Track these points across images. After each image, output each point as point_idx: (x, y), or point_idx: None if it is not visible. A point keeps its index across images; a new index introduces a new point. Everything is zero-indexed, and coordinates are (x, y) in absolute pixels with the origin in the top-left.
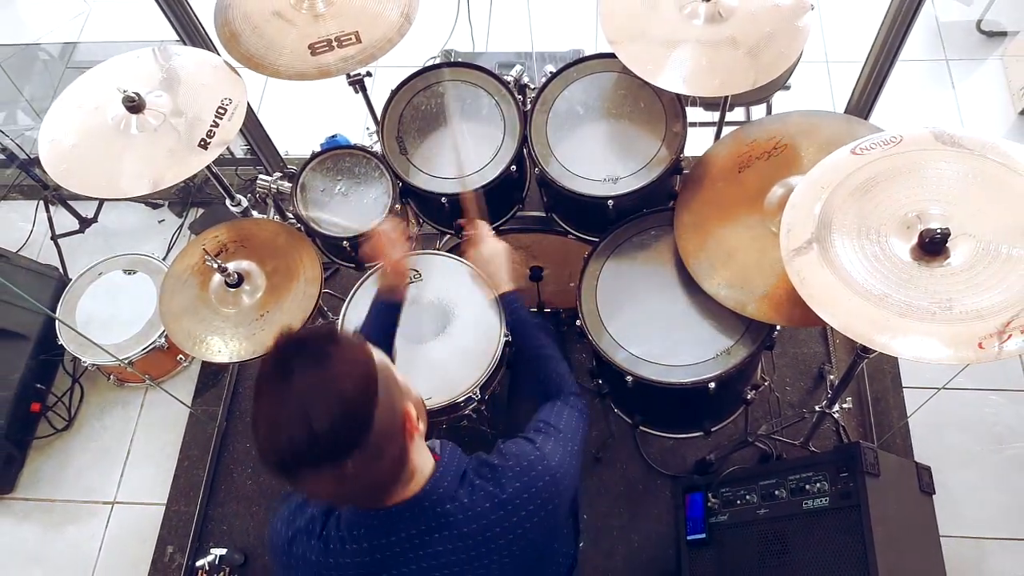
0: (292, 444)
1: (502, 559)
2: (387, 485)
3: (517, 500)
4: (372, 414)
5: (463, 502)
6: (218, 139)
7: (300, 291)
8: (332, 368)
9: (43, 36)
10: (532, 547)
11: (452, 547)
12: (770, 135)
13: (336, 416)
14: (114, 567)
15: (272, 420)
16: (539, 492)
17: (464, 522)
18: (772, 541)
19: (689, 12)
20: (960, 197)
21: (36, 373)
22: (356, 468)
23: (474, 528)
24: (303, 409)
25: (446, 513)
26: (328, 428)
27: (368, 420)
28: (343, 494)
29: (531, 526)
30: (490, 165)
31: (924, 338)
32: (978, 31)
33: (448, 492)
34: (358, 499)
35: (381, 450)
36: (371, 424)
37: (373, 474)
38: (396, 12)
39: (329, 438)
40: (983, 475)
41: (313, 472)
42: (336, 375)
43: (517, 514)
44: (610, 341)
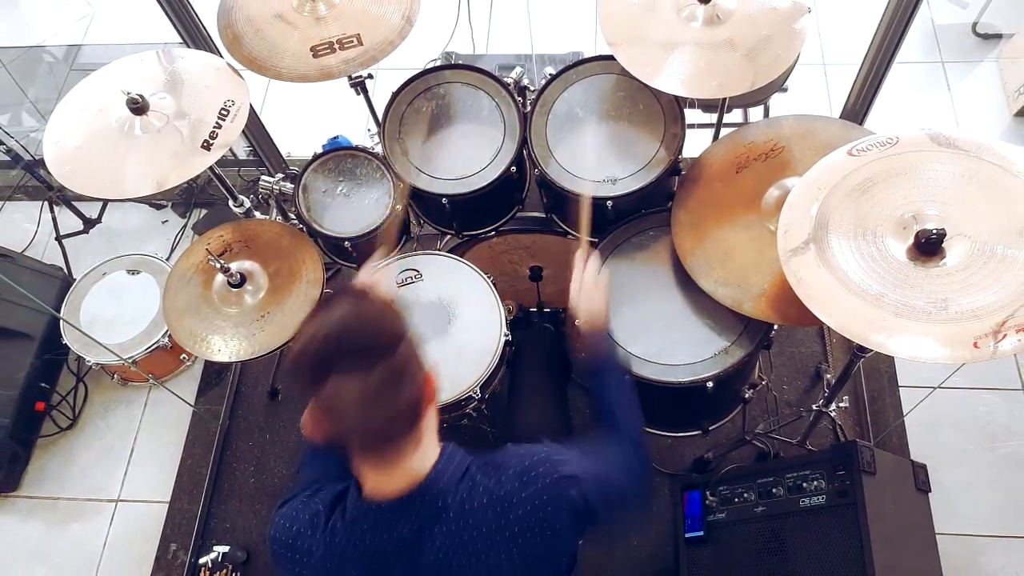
0: (327, 346)
1: (499, 558)
2: (398, 430)
3: (513, 499)
4: (399, 340)
5: (462, 496)
6: (220, 140)
7: (301, 293)
8: (369, 302)
9: (47, 38)
10: (531, 551)
11: (451, 542)
12: (767, 138)
13: (370, 328)
14: (118, 564)
15: (311, 332)
16: (538, 493)
17: (460, 517)
18: (770, 539)
19: (687, 15)
20: (956, 198)
21: (41, 372)
22: (378, 384)
23: (470, 523)
24: (342, 321)
25: (446, 508)
26: (361, 336)
27: (395, 343)
28: (360, 416)
29: (528, 528)
30: (490, 166)
31: (920, 338)
32: (974, 34)
33: (449, 485)
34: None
35: (402, 378)
36: (397, 348)
37: (391, 401)
38: (397, 15)
39: (361, 344)
40: (978, 473)
41: (340, 377)
42: (371, 306)
43: (513, 512)
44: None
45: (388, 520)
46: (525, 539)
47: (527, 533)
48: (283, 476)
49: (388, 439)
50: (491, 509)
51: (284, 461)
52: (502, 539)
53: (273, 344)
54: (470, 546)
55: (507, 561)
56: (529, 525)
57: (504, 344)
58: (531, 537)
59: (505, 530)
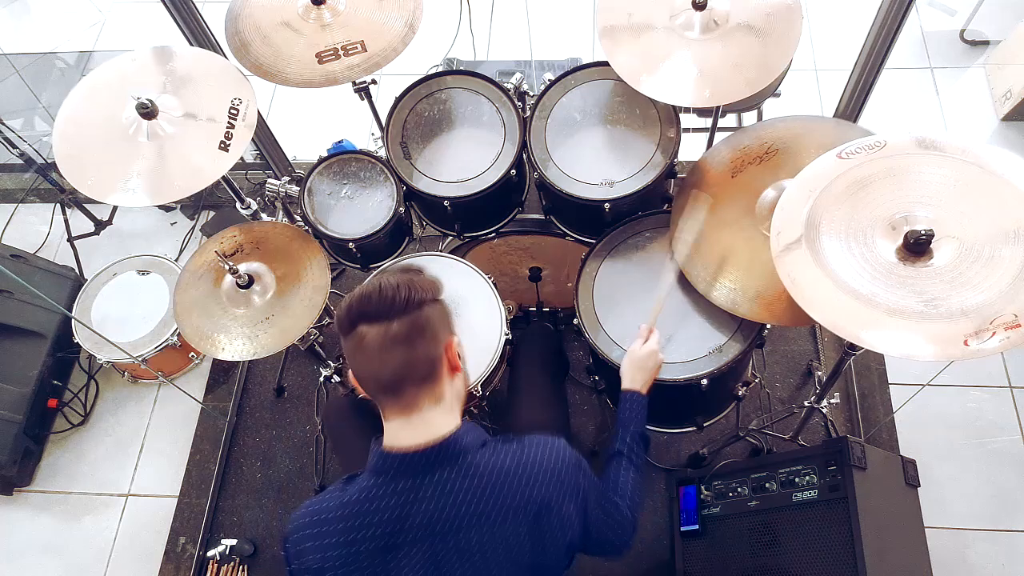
0: (359, 299)
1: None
2: (412, 377)
3: (540, 461)
4: (425, 303)
5: (487, 456)
6: (236, 140)
7: (307, 297)
8: (412, 272)
9: (59, 45)
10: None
11: (471, 499)
12: (761, 140)
13: (400, 287)
14: (128, 557)
15: (352, 292)
16: (562, 462)
17: (485, 475)
18: (763, 532)
19: (683, 22)
20: (944, 200)
21: (53, 370)
22: (397, 333)
23: (494, 482)
24: (377, 281)
25: (469, 464)
26: (389, 292)
27: (420, 303)
28: (380, 358)
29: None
30: (491, 169)
31: (910, 336)
32: (962, 40)
33: (470, 447)
34: (387, 374)
35: (422, 333)
36: (423, 308)
37: (408, 350)
38: (400, 22)
39: (388, 298)
40: (966, 468)
41: (366, 326)
42: (407, 273)
43: (537, 478)
44: (606, 339)
45: (408, 469)
46: (535, 512)
47: (537, 506)
48: (289, 471)
49: (402, 380)
50: (518, 470)
51: (290, 457)
52: (514, 510)
53: (279, 344)
54: (484, 511)
55: (513, 533)
56: (540, 497)
57: (504, 343)
58: (539, 512)
59: (519, 498)
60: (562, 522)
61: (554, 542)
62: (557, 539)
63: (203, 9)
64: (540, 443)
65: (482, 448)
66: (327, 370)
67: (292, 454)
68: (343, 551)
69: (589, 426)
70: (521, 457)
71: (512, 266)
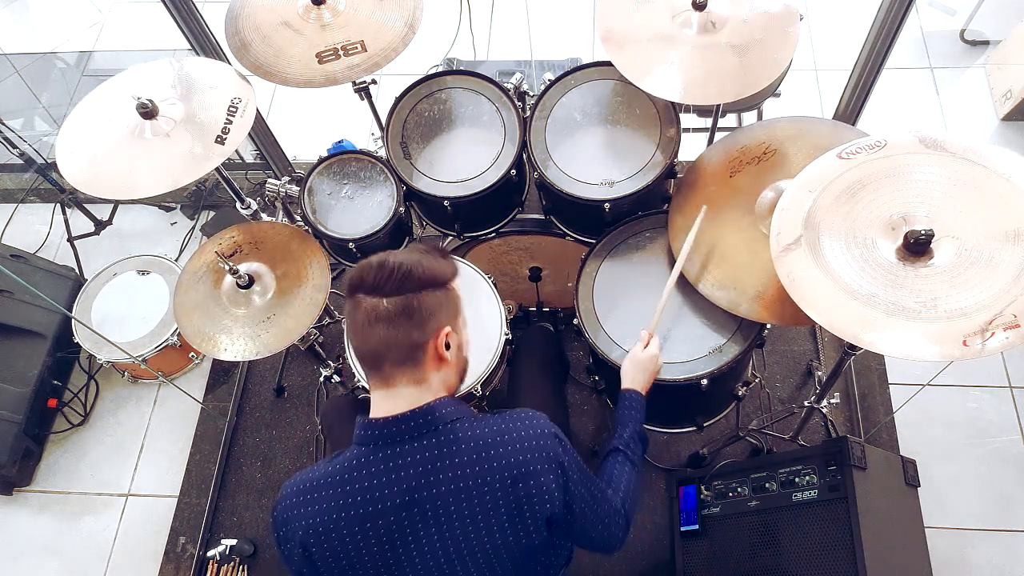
0: (363, 268)
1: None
2: (393, 358)
3: (517, 422)
4: (427, 286)
5: (465, 428)
6: (233, 135)
7: (307, 296)
8: (434, 252)
9: (60, 45)
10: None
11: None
12: (760, 141)
13: (402, 266)
14: (128, 557)
15: (368, 260)
16: (540, 432)
17: (465, 442)
18: (763, 532)
19: (682, 21)
20: (944, 200)
21: (53, 370)
22: (387, 311)
23: (473, 450)
24: (391, 254)
25: (448, 431)
26: (392, 269)
27: (421, 286)
28: (364, 332)
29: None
30: (491, 169)
31: (910, 336)
32: (962, 40)
33: (451, 416)
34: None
35: (411, 316)
36: (420, 292)
37: (393, 330)
38: (400, 22)
39: (385, 276)
40: (966, 468)
41: (364, 295)
42: (426, 258)
43: (515, 446)
44: (606, 339)
45: (389, 437)
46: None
47: (513, 471)
48: (289, 471)
49: (381, 357)
50: (486, 447)
51: (290, 456)
52: (491, 476)
53: (279, 345)
54: (462, 478)
55: (492, 504)
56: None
57: (504, 343)
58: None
59: (495, 465)
60: (540, 492)
61: (532, 513)
62: (535, 510)
63: (203, 9)
64: (519, 415)
65: (462, 419)
66: (327, 370)
67: (292, 454)
68: (326, 518)
69: (589, 426)
70: (500, 427)
71: (512, 266)
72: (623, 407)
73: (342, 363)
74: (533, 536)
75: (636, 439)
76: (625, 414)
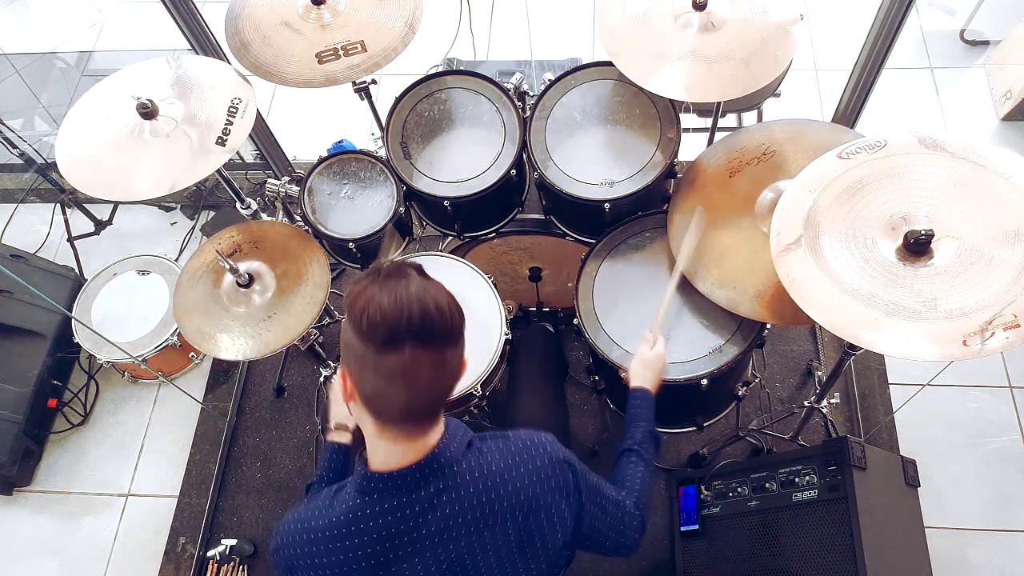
0: (413, 320)
1: (506, 529)
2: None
3: (525, 453)
4: (463, 331)
5: (471, 463)
6: (233, 136)
7: (308, 294)
8: (439, 287)
9: (59, 45)
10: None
11: (460, 508)
12: (759, 142)
13: (454, 308)
14: (128, 557)
15: (394, 300)
16: (549, 460)
17: (472, 482)
18: (763, 532)
19: (683, 22)
20: (944, 200)
21: (53, 370)
22: (448, 364)
23: (481, 488)
24: (432, 299)
25: (456, 474)
26: (446, 318)
27: (463, 332)
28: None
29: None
30: (491, 169)
31: (910, 336)
32: (961, 40)
33: (455, 455)
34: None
35: (460, 364)
36: (462, 338)
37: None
38: (400, 22)
39: (447, 325)
40: (966, 468)
41: (420, 349)
42: (445, 292)
43: (525, 479)
44: (606, 339)
45: (395, 489)
46: (523, 513)
47: (525, 507)
48: (289, 471)
49: (432, 410)
50: (494, 482)
51: (290, 456)
52: (503, 513)
53: (280, 343)
54: (473, 519)
55: (502, 537)
56: (527, 498)
57: (504, 343)
58: (528, 512)
59: (507, 502)
60: (552, 521)
61: (544, 542)
62: (547, 539)
63: (203, 9)
64: (527, 441)
65: (467, 452)
66: (327, 370)
67: (292, 454)
68: (337, 570)
69: (589, 426)
70: (507, 458)
71: (512, 266)
72: (634, 406)
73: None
74: (542, 563)
75: (649, 438)
76: (636, 413)
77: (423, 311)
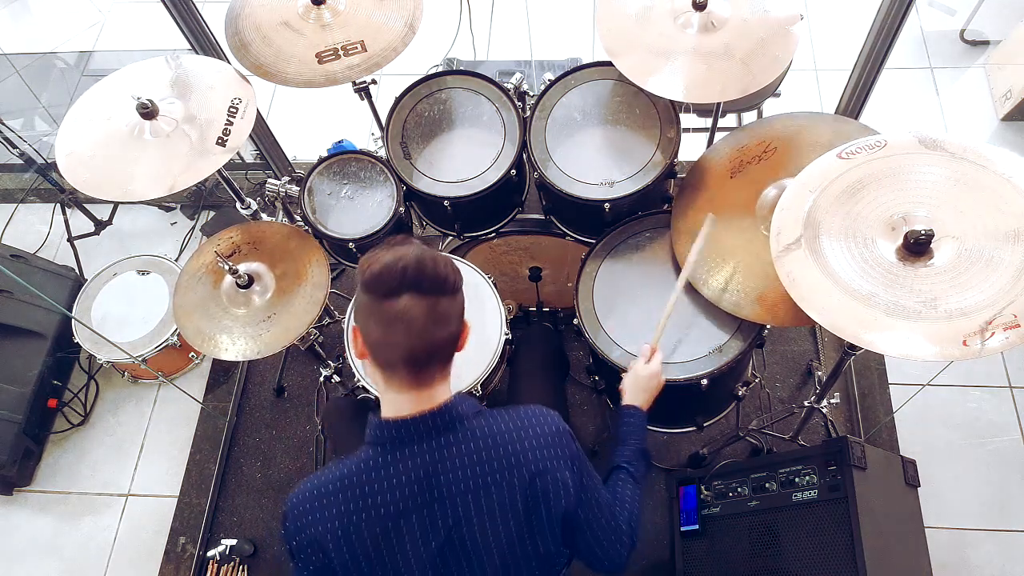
0: (415, 268)
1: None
2: (439, 355)
3: (532, 419)
4: (459, 287)
5: (480, 423)
6: (233, 137)
7: (307, 295)
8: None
9: (60, 45)
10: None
11: (468, 462)
12: (759, 139)
13: (446, 268)
14: (128, 557)
15: (394, 255)
16: (556, 428)
17: (480, 438)
18: (763, 532)
19: (683, 22)
20: (944, 200)
21: (53, 370)
22: (442, 311)
23: (489, 445)
24: (428, 254)
25: (466, 429)
26: (440, 270)
27: (458, 287)
28: (421, 331)
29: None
30: (491, 169)
31: (910, 336)
32: (962, 40)
33: (466, 413)
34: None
35: (455, 316)
36: (460, 289)
37: (443, 329)
38: (400, 22)
39: (440, 276)
40: (966, 468)
41: (415, 297)
42: (443, 255)
43: (532, 442)
44: (606, 339)
45: (407, 436)
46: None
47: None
48: (289, 471)
49: (432, 358)
50: (503, 443)
51: (290, 456)
52: (510, 472)
53: (279, 343)
54: (481, 475)
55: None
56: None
57: (504, 343)
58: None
59: (514, 461)
60: (557, 488)
61: (548, 508)
62: (551, 505)
63: (203, 9)
64: (534, 411)
65: (478, 415)
66: (327, 370)
67: (292, 454)
68: (345, 522)
69: (589, 426)
70: (516, 423)
71: (512, 266)
72: (625, 424)
73: (342, 363)
74: (547, 533)
75: (638, 456)
76: (625, 431)
77: (418, 263)
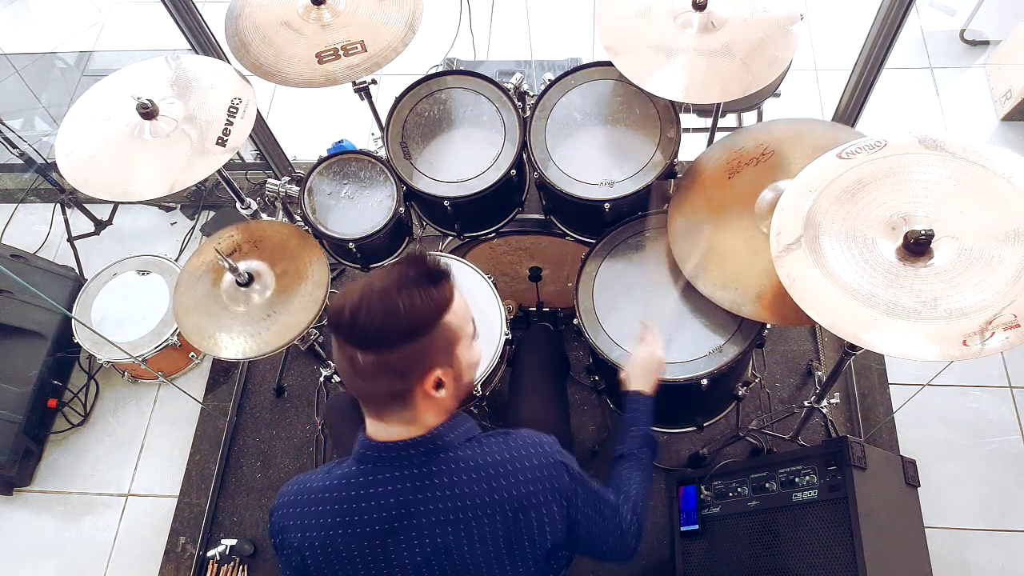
0: (337, 314)
1: (495, 525)
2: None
3: (523, 451)
4: (398, 346)
5: (469, 453)
6: (233, 137)
7: (307, 293)
8: (415, 292)
9: (60, 45)
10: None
11: (452, 494)
12: (758, 142)
13: (375, 324)
14: (128, 557)
15: (350, 293)
16: (546, 460)
17: (467, 471)
18: (763, 532)
19: (683, 22)
20: (944, 200)
21: (53, 370)
22: (363, 368)
23: (475, 478)
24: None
25: (451, 460)
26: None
27: (395, 343)
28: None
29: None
30: (491, 169)
31: (910, 336)
32: (962, 40)
33: (454, 443)
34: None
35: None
36: (394, 350)
37: (373, 385)
38: (400, 22)
39: (358, 332)
40: (966, 468)
41: (340, 342)
42: (411, 300)
43: (518, 475)
44: (606, 339)
45: (389, 461)
46: (513, 510)
47: (515, 504)
48: (289, 471)
49: (368, 401)
50: (488, 475)
51: (290, 456)
52: (491, 507)
53: (279, 342)
54: (462, 507)
55: (491, 532)
56: (519, 495)
57: (505, 343)
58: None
59: (497, 496)
60: (542, 522)
61: (532, 544)
62: (536, 541)
63: (203, 9)
64: (527, 440)
65: (467, 443)
66: (327, 370)
67: (292, 454)
68: (322, 534)
69: (589, 426)
70: (507, 454)
71: (512, 266)
72: (631, 410)
73: None
74: (530, 565)
75: (645, 442)
76: (632, 417)
77: (352, 311)
